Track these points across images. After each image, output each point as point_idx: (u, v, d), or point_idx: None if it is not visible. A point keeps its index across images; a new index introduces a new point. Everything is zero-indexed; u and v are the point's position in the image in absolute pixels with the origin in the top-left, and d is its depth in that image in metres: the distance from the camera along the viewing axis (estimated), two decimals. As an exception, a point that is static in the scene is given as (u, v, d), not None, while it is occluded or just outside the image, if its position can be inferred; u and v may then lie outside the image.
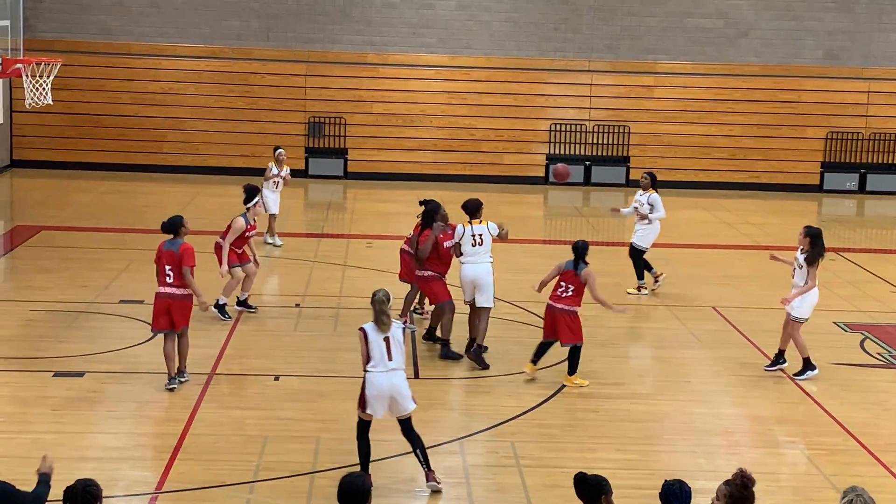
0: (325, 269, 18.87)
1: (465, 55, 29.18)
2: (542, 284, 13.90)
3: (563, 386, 13.33)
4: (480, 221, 14.56)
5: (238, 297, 15.97)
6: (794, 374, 13.96)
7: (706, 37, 29.50)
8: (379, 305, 10.28)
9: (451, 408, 12.78)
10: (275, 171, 20.31)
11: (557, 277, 13.62)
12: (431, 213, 14.73)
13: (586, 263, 13.47)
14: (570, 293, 13.40)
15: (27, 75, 20.97)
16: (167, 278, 12.69)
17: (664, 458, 11.40)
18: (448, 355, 14.28)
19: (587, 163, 29.28)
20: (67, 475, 10.22)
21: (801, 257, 13.93)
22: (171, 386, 12.74)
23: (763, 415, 12.77)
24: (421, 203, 15.13)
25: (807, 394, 13.47)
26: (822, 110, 29.63)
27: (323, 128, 29.06)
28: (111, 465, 10.63)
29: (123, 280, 17.27)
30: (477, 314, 14.31)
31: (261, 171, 20.93)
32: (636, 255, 18.18)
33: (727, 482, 7.48)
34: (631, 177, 29.31)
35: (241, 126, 28.61)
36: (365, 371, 10.29)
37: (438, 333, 14.63)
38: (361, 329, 10.40)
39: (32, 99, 21.12)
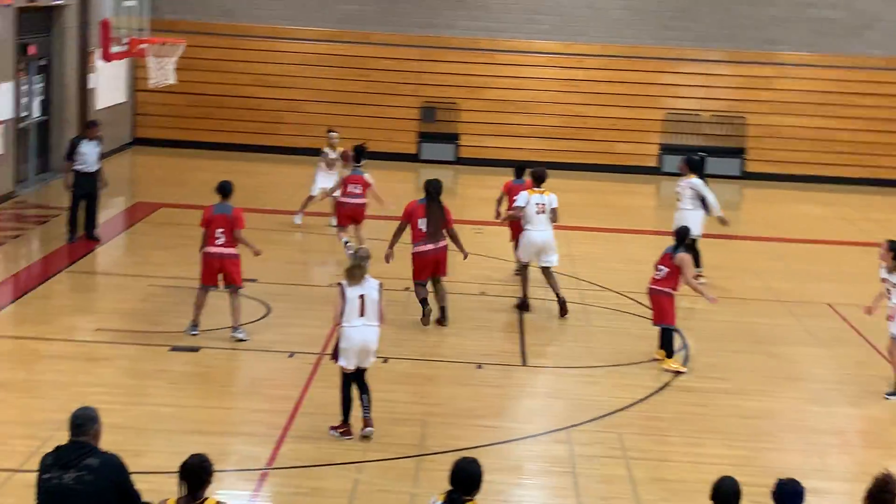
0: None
1: (581, 42, 28.99)
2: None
3: (674, 379, 13.22)
4: (543, 192, 15.49)
5: None
6: (888, 394, 13.00)
7: (828, 28, 28.89)
8: (357, 261, 10.98)
9: (560, 397, 12.77)
10: (331, 155, 20.09)
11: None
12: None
13: (685, 249, 13.69)
14: (662, 275, 13.62)
15: (152, 56, 21.41)
16: (217, 239, 13.65)
17: (774, 455, 11.26)
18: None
19: (702, 154, 28.85)
20: (182, 448, 10.45)
21: (889, 276, 13.01)
22: (193, 332, 13.73)
23: (878, 415, 12.53)
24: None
25: (924, 396, 13.18)
26: (947, 105, 28.84)
27: (436, 113, 29.15)
28: (224, 439, 10.85)
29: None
30: (546, 274, 15.55)
31: (377, 156, 21.02)
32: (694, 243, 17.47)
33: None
34: (747, 169, 28.91)
35: (356, 109, 28.83)
36: (339, 325, 10.86)
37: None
38: (339, 284, 11.02)
39: (156, 79, 21.56)
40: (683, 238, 13.71)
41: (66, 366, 12.73)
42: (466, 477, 7.50)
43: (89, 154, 18.10)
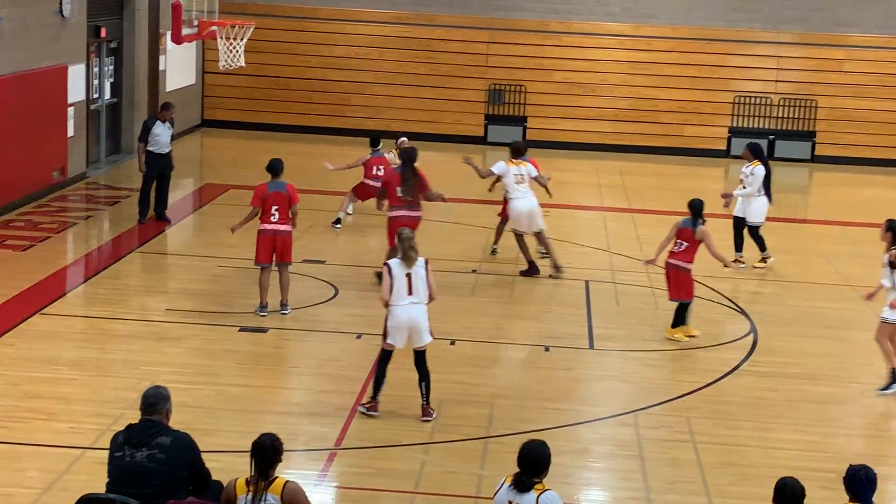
0: (503, 237, 18.93)
1: (650, 25, 28.78)
2: (661, 248, 14.17)
3: (741, 364, 13.13)
4: (520, 163, 16.54)
5: None
6: (879, 389, 12.35)
7: (901, 9, 28.41)
8: (406, 242, 10.96)
9: (626, 380, 12.73)
10: (394, 159, 20.02)
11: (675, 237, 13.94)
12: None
13: (704, 221, 13.78)
14: (682, 248, 13.72)
15: (221, 38, 21.56)
16: (272, 217, 13.80)
17: (844, 441, 11.16)
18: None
19: (771, 137, 28.60)
20: (251, 428, 10.58)
21: (884, 257, 12.50)
22: (262, 313, 13.80)
23: (950, 402, 12.35)
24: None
25: None
26: None
27: (503, 95, 29.10)
28: (293, 419, 10.94)
29: (306, 240, 17.65)
30: (538, 237, 16.52)
31: (444, 138, 20.99)
32: (751, 230, 17.29)
33: None
34: (817, 152, 28.55)
35: (423, 92, 28.86)
36: (387, 304, 10.94)
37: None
38: (386, 264, 11.12)
39: (226, 61, 21.70)
40: (698, 211, 13.75)
41: (136, 345, 12.91)
42: (535, 459, 7.51)
43: (162, 135, 18.30)
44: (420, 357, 11.14)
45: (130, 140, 23.55)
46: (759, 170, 16.98)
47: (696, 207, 13.78)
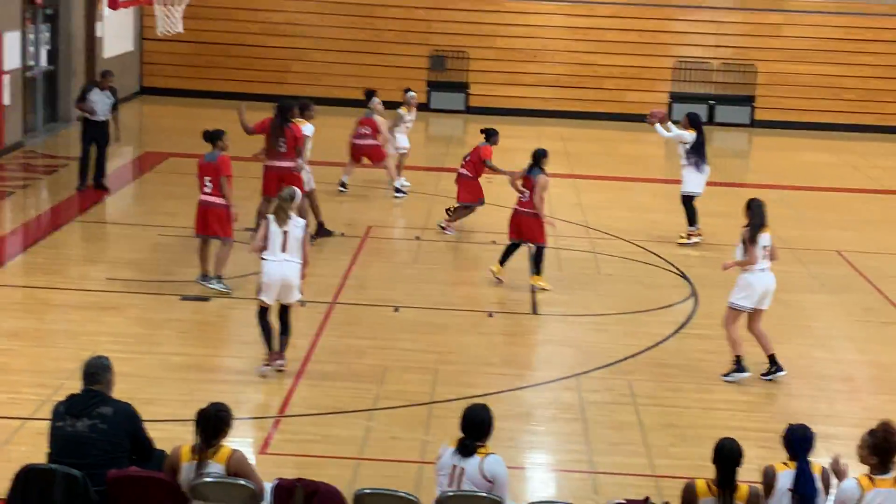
0: (445, 204, 18.92)
1: (591, -10, 28.82)
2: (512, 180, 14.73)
3: (682, 327, 13.25)
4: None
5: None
6: (722, 374, 11.73)
7: (839, -26, 28.67)
8: (280, 202, 11.20)
9: (569, 345, 12.80)
10: (407, 117, 19.90)
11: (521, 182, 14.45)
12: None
13: (543, 171, 14.25)
14: (527, 198, 14.23)
15: (159, 3, 21.29)
16: (205, 188, 13.65)
17: (783, 401, 11.31)
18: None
19: (711, 102, 28.80)
20: (194, 397, 10.57)
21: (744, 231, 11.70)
22: (205, 283, 13.64)
23: (887, 361, 12.56)
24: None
25: (933, 342, 13.21)
26: (958, 52, 28.65)
27: (445, 61, 29.02)
28: (236, 387, 10.91)
29: (248, 208, 17.46)
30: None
31: (385, 105, 20.87)
32: (684, 200, 16.95)
33: (871, 432, 7.37)
34: (756, 117, 28.79)
35: (364, 58, 28.70)
36: (261, 258, 11.13)
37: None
38: (266, 217, 11.33)
39: (164, 27, 21.45)
40: (538, 159, 14.26)
41: (76, 315, 12.79)
42: (477, 423, 7.56)
43: (99, 103, 18.09)
44: (285, 311, 11.32)
45: (67, 108, 23.23)
46: (689, 135, 16.61)
47: (536, 156, 14.34)
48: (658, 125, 17.05)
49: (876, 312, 14.22)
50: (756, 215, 11.50)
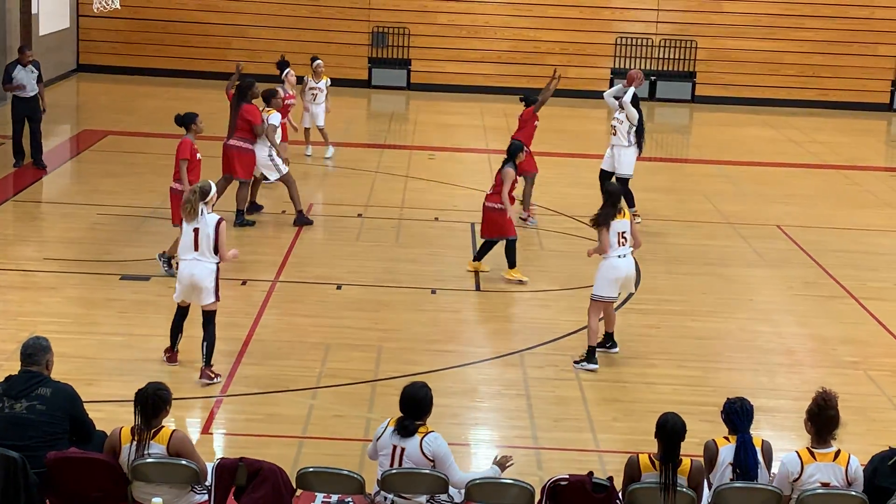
0: (388, 181, 18.89)
1: (532, -34, 28.76)
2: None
3: (624, 302, 13.31)
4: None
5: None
6: (574, 361, 11.46)
7: (778, -50, 28.82)
8: (189, 194, 10.51)
9: (512, 321, 12.82)
10: (311, 83, 19.85)
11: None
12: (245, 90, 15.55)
13: (513, 164, 13.83)
14: (491, 191, 13.93)
15: (95, -21, 20.99)
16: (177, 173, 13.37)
17: (725, 375, 11.39)
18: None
19: (653, 78, 28.90)
20: (134, 377, 10.44)
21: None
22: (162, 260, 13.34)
23: (826, 334, 12.69)
24: None
25: (871, 314, 13.36)
26: (895, 27, 28.93)
27: (386, 38, 28.88)
28: (177, 367, 10.80)
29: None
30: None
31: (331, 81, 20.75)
32: (620, 183, 15.91)
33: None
34: (697, 92, 28.94)
35: (305, 35, 28.47)
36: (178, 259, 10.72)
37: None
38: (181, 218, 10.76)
39: (101, 3, 21.15)
40: (512, 154, 13.83)
41: (13, 296, 12.60)
42: (416, 402, 7.55)
43: (24, 79, 17.86)
44: (205, 317, 10.55)
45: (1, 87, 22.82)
46: (635, 114, 16.25)
47: (510, 149, 13.93)
48: (631, 88, 16.35)
49: (816, 286, 14.37)
50: (613, 205, 11.18)
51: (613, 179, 16.02)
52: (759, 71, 28.89)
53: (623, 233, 11.24)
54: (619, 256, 11.25)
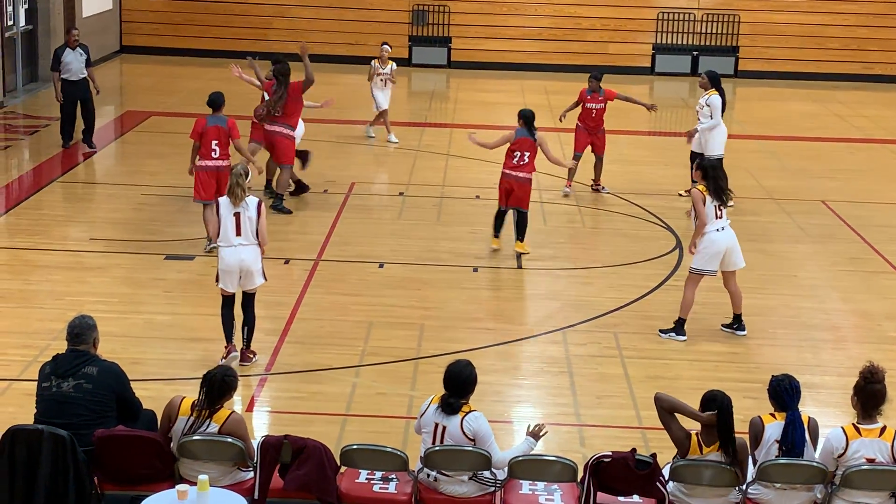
0: (429, 159, 18.91)
1: (573, -59, 28.60)
2: (484, 145, 14.14)
3: (666, 279, 13.26)
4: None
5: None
6: (661, 330, 11.66)
7: (822, -78, 28.51)
8: (234, 178, 10.17)
9: (555, 298, 12.80)
10: (378, 69, 19.91)
11: (509, 146, 13.79)
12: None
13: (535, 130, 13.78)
14: (526, 160, 13.68)
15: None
16: (213, 153, 13.34)
17: (769, 351, 11.34)
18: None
19: (695, 53, 28.71)
20: (180, 356, 10.57)
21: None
22: (211, 246, 13.00)
23: (871, 310, 12.59)
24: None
25: (917, 291, 13.25)
26: (942, 0, 28.57)
27: (427, 16, 28.85)
28: (221, 346, 10.87)
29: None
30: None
31: (364, 60, 20.84)
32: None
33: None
34: (740, 67, 28.72)
35: (346, 14, 28.51)
36: (217, 245, 10.39)
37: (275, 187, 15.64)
38: (216, 201, 10.65)
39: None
40: (531, 120, 13.67)
41: (61, 276, 12.74)
42: (459, 380, 7.57)
43: (73, 62, 17.96)
44: (247, 299, 10.44)
45: (47, 68, 22.94)
46: (715, 99, 15.83)
47: (529, 117, 13.70)
48: (698, 126, 16.20)
49: (861, 262, 14.26)
50: (715, 179, 11.24)
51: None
52: (802, 45, 28.63)
53: (719, 205, 11.24)
54: (717, 230, 11.28)
